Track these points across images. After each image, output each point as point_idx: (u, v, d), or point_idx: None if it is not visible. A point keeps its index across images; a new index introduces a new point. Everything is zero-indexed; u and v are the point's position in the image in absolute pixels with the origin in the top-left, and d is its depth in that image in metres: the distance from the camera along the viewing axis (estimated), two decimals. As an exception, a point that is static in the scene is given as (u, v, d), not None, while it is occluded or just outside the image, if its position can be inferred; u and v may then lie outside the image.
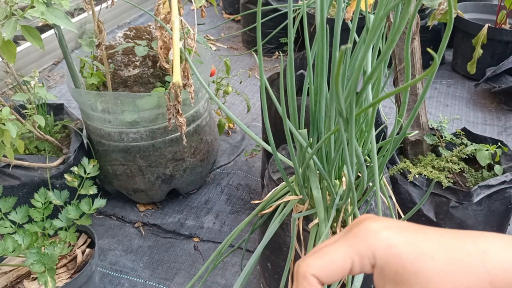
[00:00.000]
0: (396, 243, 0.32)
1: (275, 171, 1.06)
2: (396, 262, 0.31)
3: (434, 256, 0.31)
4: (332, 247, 0.34)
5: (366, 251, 0.32)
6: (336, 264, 0.33)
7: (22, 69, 2.21)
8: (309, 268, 0.33)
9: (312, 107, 0.79)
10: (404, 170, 1.21)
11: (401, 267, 0.31)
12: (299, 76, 1.39)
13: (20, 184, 1.26)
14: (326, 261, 0.33)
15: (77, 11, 2.73)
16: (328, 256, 0.33)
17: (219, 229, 1.42)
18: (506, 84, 2.00)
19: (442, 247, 0.32)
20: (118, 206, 1.52)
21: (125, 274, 1.28)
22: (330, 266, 0.33)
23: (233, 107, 2.10)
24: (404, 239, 0.32)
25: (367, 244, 0.33)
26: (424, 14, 2.20)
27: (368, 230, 0.33)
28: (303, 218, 0.89)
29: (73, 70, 1.29)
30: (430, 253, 0.31)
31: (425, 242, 0.32)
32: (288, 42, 0.72)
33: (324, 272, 0.33)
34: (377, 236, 0.33)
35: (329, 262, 0.33)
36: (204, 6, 1.17)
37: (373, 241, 0.33)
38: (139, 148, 1.35)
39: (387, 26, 1.10)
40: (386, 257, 0.32)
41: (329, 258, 0.33)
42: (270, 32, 1.30)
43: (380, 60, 0.44)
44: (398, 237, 0.32)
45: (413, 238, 0.32)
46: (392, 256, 0.32)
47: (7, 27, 0.95)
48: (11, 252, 0.97)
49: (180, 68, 0.96)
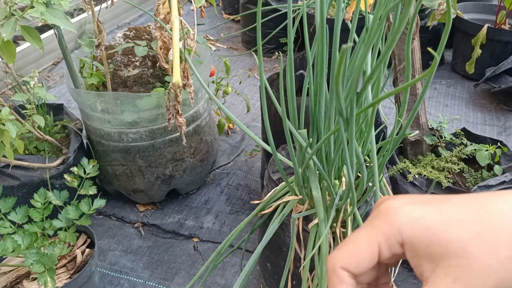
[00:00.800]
0: (422, 214, 0.30)
1: (275, 171, 1.06)
2: (426, 234, 0.29)
3: (464, 219, 0.29)
4: (356, 234, 0.32)
5: (390, 230, 0.31)
6: (363, 251, 0.31)
7: (21, 69, 2.21)
8: (336, 261, 0.32)
9: (312, 107, 0.79)
10: (403, 170, 1.21)
11: (432, 238, 0.29)
12: (298, 76, 1.39)
13: (19, 184, 1.26)
14: (352, 251, 0.32)
15: (77, 11, 2.73)
16: (352, 245, 0.32)
17: (218, 229, 1.42)
18: (506, 84, 2.00)
19: (470, 209, 0.30)
20: (118, 206, 1.52)
21: (125, 274, 1.28)
22: (356, 254, 0.31)
23: (233, 107, 2.10)
24: (429, 210, 0.30)
25: (390, 223, 0.31)
26: (424, 14, 2.20)
27: (388, 209, 0.31)
28: (303, 218, 0.89)
29: (72, 70, 1.29)
30: (459, 217, 0.29)
31: (452, 208, 0.30)
32: (288, 42, 0.72)
33: (352, 262, 0.31)
34: (399, 212, 0.31)
35: (354, 250, 0.31)
36: (204, 6, 1.17)
37: (396, 218, 0.31)
38: (139, 148, 1.35)
39: (387, 26, 1.10)
40: (414, 231, 0.30)
41: (354, 246, 0.32)
42: (270, 32, 1.30)
43: (380, 60, 0.44)
44: (422, 209, 0.31)
45: (438, 207, 0.30)
46: (420, 229, 0.30)
47: (7, 27, 0.95)
48: (10, 252, 0.97)
49: (180, 68, 0.96)
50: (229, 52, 2.63)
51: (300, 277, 0.91)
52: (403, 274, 1.25)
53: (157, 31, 1.17)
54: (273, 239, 0.91)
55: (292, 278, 0.91)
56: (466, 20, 2.15)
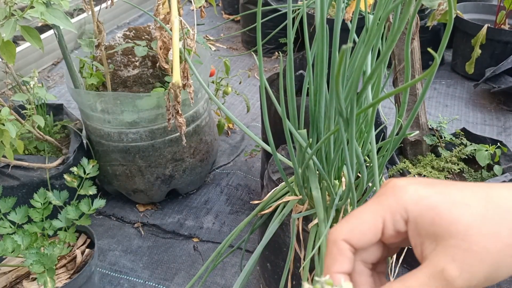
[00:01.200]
0: (427, 194, 0.30)
1: (275, 171, 1.06)
2: (431, 213, 0.30)
3: (469, 203, 0.30)
4: (361, 209, 0.32)
5: (396, 206, 0.31)
6: (367, 224, 0.31)
7: (21, 69, 2.21)
8: (338, 233, 0.32)
9: (312, 107, 0.79)
10: (403, 171, 1.21)
11: (436, 217, 0.29)
12: (298, 77, 1.39)
13: (19, 184, 1.26)
14: (355, 223, 0.32)
15: (77, 12, 2.73)
16: (357, 218, 0.32)
17: (218, 229, 1.42)
18: (506, 84, 2.00)
19: (476, 194, 0.30)
20: (118, 206, 1.52)
21: (125, 275, 1.28)
22: (360, 227, 0.31)
23: (233, 107, 2.10)
24: (435, 190, 0.31)
25: (396, 199, 0.31)
26: (424, 15, 2.20)
27: (395, 186, 0.32)
28: (303, 218, 0.89)
29: (72, 71, 1.29)
30: (465, 200, 0.30)
31: (458, 191, 0.31)
32: (288, 42, 0.72)
33: (355, 235, 0.31)
34: (406, 190, 0.31)
35: (359, 223, 0.31)
36: (204, 7, 1.17)
37: (403, 195, 0.31)
38: (139, 148, 1.35)
39: (387, 26, 1.10)
40: (419, 209, 0.30)
41: (359, 219, 0.32)
42: (270, 33, 1.30)
43: (380, 60, 0.44)
44: (428, 189, 0.31)
45: (444, 189, 0.31)
46: (425, 207, 0.30)
47: (7, 27, 0.95)
48: (10, 252, 0.97)
49: (180, 68, 0.96)
50: (229, 52, 2.63)
51: (300, 277, 0.91)
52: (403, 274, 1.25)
53: (157, 31, 1.17)
54: (273, 239, 0.91)
55: (292, 278, 0.91)
56: (466, 20, 2.15)
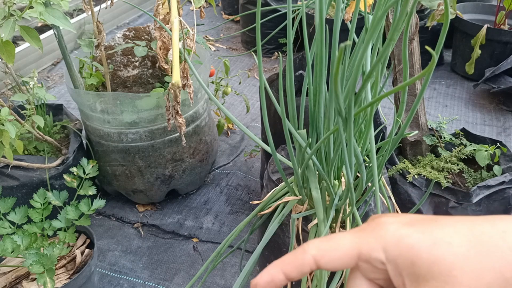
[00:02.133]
0: (407, 233, 0.30)
1: (274, 172, 1.06)
2: (410, 253, 0.29)
3: (451, 241, 0.29)
4: (341, 235, 0.32)
5: (375, 244, 0.30)
6: (340, 252, 0.31)
7: (21, 69, 2.21)
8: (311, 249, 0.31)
9: (311, 108, 0.79)
10: (403, 171, 1.21)
11: (416, 258, 0.29)
12: (298, 77, 1.39)
13: (19, 184, 1.26)
14: (330, 246, 0.31)
15: (76, 12, 2.73)
16: (334, 241, 0.31)
17: (218, 229, 1.42)
18: (505, 84, 2.00)
19: (458, 232, 0.29)
20: (117, 206, 1.52)
21: (124, 275, 1.28)
22: (333, 252, 0.31)
23: (232, 108, 2.10)
24: (415, 229, 0.30)
25: (376, 237, 0.31)
26: (424, 15, 2.20)
27: (378, 224, 0.31)
28: (302, 218, 0.89)
29: (72, 71, 1.29)
30: (446, 239, 0.29)
31: (439, 229, 0.30)
32: (288, 42, 0.72)
33: (325, 256, 0.31)
34: (386, 228, 0.31)
35: (333, 247, 0.31)
36: (203, 7, 1.17)
37: (382, 234, 0.30)
38: (138, 148, 1.35)
39: (386, 26, 1.10)
40: (398, 250, 0.30)
41: (335, 243, 0.31)
42: (269, 33, 1.30)
43: (378, 59, 0.44)
44: (409, 228, 0.30)
45: (425, 227, 0.30)
46: (404, 248, 0.29)
47: (6, 27, 0.95)
48: (10, 252, 0.96)
49: (179, 68, 0.96)
50: (229, 53, 2.63)
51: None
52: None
53: (156, 32, 1.17)
54: (272, 239, 0.91)
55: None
56: (465, 21, 2.15)
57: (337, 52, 0.69)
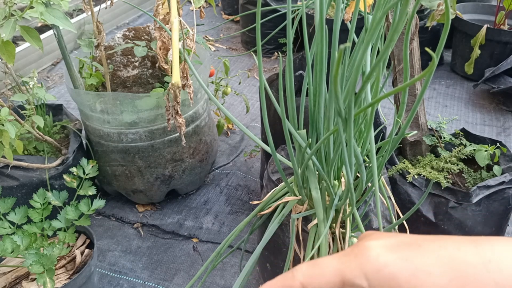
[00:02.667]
0: (388, 261, 0.30)
1: (274, 172, 1.06)
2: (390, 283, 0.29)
3: (431, 271, 0.28)
4: (327, 260, 0.33)
5: (358, 271, 0.31)
6: (326, 277, 0.32)
7: (21, 69, 2.21)
8: (299, 275, 0.32)
9: (311, 108, 0.79)
10: (403, 171, 1.21)
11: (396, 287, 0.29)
12: (298, 77, 1.39)
13: (19, 184, 1.26)
14: (316, 273, 0.32)
15: (76, 12, 2.73)
16: (319, 268, 0.32)
17: (218, 229, 1.42)
18: (505, 85, 2.00)
19: (440, 260, 0.29)
20: (117, 206, 1.52)
21: (124, 275, 1.28)
22: (319, 278, 0.32)
23: (232, 108, 2.10)
24: (396, 256, 0.30)
25: (358, 265, 0.31)
26: (423, 15, 2.20)
27: (361, 249, 0.32)
28: (302, 218, 0.89)
29: (72, 71, 1.29)
30: (426, 268, 0.29)
31: (421, 256, 0.29)
32: (287, 42, 0.72)
33: (312, 283, 0.32)
34: (368, 255, 0.31)
35: (318, 274, 0.32)
36: (203, 7, 1.17)
37: (364, 262, 0.31)
38: (138, 148, 1.35)
39: (386, 26, 1.10)
40: (379, 278, 0.30)
41: (320, 270, 0.32)
42: (269, 33, 1.30)
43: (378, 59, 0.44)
44: (390, 255, 0.30)
45: (406, 253, 0.30)
46: (385, 277, 0.29)
47: (6, 27, 0.95)
48: (10, 253, 0.96)
49: (179, 68, 0.96)
50: (229, 53, 2.63)
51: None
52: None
53: (156, 32, 1.17)
54: (272, 239, 0.91)
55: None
56: (465, 21, 2.15)
57: (337, 53, 0.69)
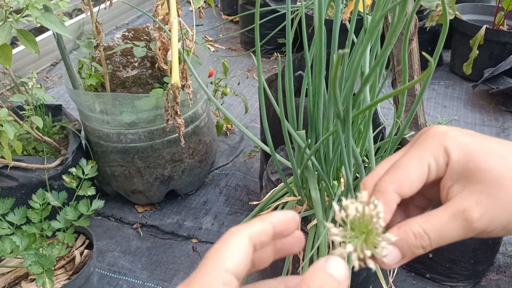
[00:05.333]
0: (467, 141, 0.32)
1: (274, 172, 1.06)
2: (467, 159, 0.31)
3: (505, 155, 0.31)
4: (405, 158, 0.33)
5: (439, 149, 0.32)
6: (415, 173, 0.32)
7: (20, 70, 2.21)
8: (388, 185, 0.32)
9: (310, 109, 0.79)
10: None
11: (472, 163, 0.31)
12: (298, 77, 1.39)
13: (18, 185, 1.26)
14: (403, 173, 0.32)
15: (76, 12, 2.73)
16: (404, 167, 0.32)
17: (217, 230, 1.42)
18: (504, 85, 2.00)
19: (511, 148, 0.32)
20: (117, 207, 1.52)
21: (124, 275, 1.28)
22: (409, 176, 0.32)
23: (232, 108, 2.10)
24: (474, 139, 0.32)
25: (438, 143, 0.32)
26: (423, 15, 2.21)
27: (436, 132, 0.33)
28: (302, 219, 0.89)
29: (71, 71, 1.29)
30: (501, 152, 0.31)
31: (495, 143, 0.32)
32: (287, 43, 0.72)
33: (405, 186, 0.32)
34: (447, 135, 0.32)
35: (407, 172, 0.32)
36: (203, 7, 1.17)
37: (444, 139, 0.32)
38: (138, 149, 1.35)
39: (385, 26, 1.11)
40: (458, 153, 0.32)
41: (406, 168, 0.32)
42: (269, 33, 1.30)
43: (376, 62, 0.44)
44: (468, 137, 0.32)
45: (482, 139, 0.32)
46: (462, 154, 0.31)
47: (2, 31, 0.95)
48: (9, 253, 0.96)
49: (179, 69, 0.96)
50: (228, 53, 2.63)
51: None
52: (402, 275, 1.25)
53: (155, 32, 1.17)
54: (271, 240, 0.91)
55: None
56: (464, 21, 2.15)
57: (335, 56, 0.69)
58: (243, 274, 0.29)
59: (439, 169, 0.32)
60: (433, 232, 0.31)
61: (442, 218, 0.31)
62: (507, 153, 0.31)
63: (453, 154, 0.32)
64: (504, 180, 0.30)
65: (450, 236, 0.31)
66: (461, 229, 0.30)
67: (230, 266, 0.28)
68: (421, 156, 0.32)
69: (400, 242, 0.31)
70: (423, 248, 0.31)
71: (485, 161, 0.31)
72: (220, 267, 0.28)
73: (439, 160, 0.32)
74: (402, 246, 0.31)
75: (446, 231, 0.31)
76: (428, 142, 0.33)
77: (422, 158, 0.32)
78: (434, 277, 1.22)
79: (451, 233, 0.31)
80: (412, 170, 0.32)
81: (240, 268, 0.29)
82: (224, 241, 0.30)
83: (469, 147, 0.32)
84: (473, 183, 0.31)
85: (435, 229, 0.31)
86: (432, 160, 0.32)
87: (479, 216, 0.30)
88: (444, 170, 0.32)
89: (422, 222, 0.31)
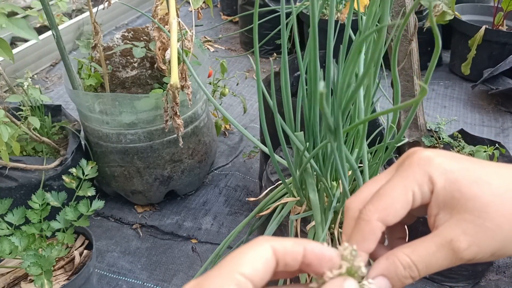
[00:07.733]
0: (452, 168, 0.31)
1: (273, 173, 1.06)
2: (453, 187, 0.31)
3: (491, 181, 0.30)
4: (389, 186, 0.32)
5: (423, 177, 0.32)
6: (399, 202, 0.32)
7: (19, 70, 2.21)
8: (372, 214, 0.32)
9: (306, 112, 0.79)
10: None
11: (457, 192, 0.30)
12: (297, 78, 1.39)
13: (17, 185, 1.26)
14: (388, 202, 0.32)
15: (75, 12, 2.73)
16: (388, 197, 0.32)
17: (217, 230, 1.42)
18: (503, 85, 2.00)
19: (499, 174, 0.31)
20: (116, 207, 1.52)
21: (123, 276, 1.28)
22: (393, 205, 0.32)
23: (231, 109, 2.10)
24: (459, 166, 0.31)
25: (423, 170, 0.32)
26: (422, 16, 2.21)
27: (420, 158, 0.32)
28: (301, 219, 0.89)
29: (70, 72, 1.29)
30: (487, 179, 0.31)
31: (482, 169, 0.31)
32: (282, 44, 0.72)
33: (390, 214, 0.32)
34: (431, 162, 0.32)
35: (391, 202, 0.32)
36: (202, 8, 1.17)
37: (429, 166, 0.32)
38: (137, 149, 1.35)
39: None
40: (443, 181, 0.31)
41: (390, 198, 0.32)
42: (268, 34, 1.30)
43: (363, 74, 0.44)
44: (453, 163, 0.32)
45: (468, 165, 0.32)
46: (448, 181, 0.31)
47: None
48: (8, 254, 0.96)
49: (178, 69, 0.96)
50: (228, 53, 2.63)
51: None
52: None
53: (155, 32, 1.17)
54: (270, 240, 0.91)
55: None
56: (463, 22, 2.15)
57: (332, 56, 0.69)
58: (261, 284, 0.29)
59: (424, 197, 0.32)
60: (421, 263, 0.31)
61: (429, 248, 0.31)
62: (493, 180, 0.31)
63: (438, 183, 0.31)
64: (490, 208, 0.30)
65: (438, 265, 0.31)
66: (448, 259, 0.30)
67: (246, 270, 0.28)
68: (405, 185, 0.32)
69: (390, 274, 0.31)
70: (412, 278, 0.31)
71: (471, 189, 0.30)
72: (235, 269, 0.28)
73: (423, 188, 0.32)
74: (391, 278, 0.31)
75: (434, 261, 0.31)
76: (413, 169, 0.32)
77: (406, 186, 0.32)
78: (433, 277, 1.22)
79: (439, 263, 0.31)
80: (397, 199, 0.32)
81: (257, 275, 0.28)
82: (246, 247, 0.30)
83: (454, 175, 0.31)
84: (460, 212, 0.30)
85: (423, 260, 0.31)
86: (417, 188, 0.32)
87: (466, 246, 0.30)
88: (429, 197, 0.32)
89: (409, 252, 0.31)
